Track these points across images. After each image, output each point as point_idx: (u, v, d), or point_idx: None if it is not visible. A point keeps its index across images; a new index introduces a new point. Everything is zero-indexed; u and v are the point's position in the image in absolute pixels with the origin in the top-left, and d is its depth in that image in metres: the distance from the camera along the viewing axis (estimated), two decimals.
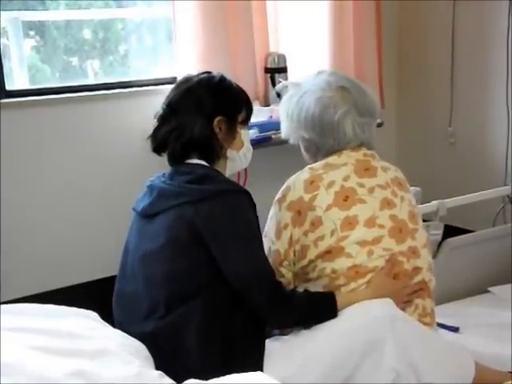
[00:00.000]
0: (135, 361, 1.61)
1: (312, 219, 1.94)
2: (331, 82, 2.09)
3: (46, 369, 1.46)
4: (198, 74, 2.02)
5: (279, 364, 1.81)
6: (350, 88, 2.09)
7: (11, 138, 2.85)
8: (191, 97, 1.96)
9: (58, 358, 1.51)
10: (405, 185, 2.10)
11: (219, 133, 1.95)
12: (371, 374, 1.80)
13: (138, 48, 3.47)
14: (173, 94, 2.00)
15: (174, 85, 2.05)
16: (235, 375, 1.44)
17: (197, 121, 1.92)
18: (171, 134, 1.94)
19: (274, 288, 1.86)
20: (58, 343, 1.57)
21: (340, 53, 3.47)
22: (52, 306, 1.82)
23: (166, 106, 1.99)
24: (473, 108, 3.63)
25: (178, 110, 1.95)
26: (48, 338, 1.58)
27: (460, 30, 3.60)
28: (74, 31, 3.24)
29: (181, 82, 2.03)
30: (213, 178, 1.91)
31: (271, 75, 3.31)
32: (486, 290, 2.81)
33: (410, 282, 1.97)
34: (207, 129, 1.93)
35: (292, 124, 2.13)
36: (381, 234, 1.94)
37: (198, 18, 3.05)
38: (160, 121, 1.99)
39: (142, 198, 1.99)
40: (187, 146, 1.93)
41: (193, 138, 1.92)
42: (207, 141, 1.93)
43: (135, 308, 1.89)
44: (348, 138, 2.05)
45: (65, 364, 1.48)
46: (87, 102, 3.02)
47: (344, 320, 1.85)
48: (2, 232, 2.84)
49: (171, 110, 1.97)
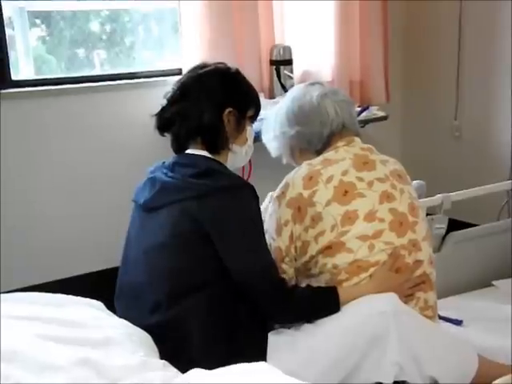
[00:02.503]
0: (140, 350, 1.61)
1: (312, 215, 1.94)
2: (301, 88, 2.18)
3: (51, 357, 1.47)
4: (215, 63, 2.01)
5: (282, 357, 1.81)
6: (321, 83, 2.18)
7: (16, 127, 2.85)
8: (205, 83, 1.94)
9: (64, 346, 1.51)
10: (404, 177, 2.09)
11: (227, 124, 1.94)
12: (374, 368, 1.80)
13: (143, 39, 3.46)
14: (186, 77, 1.98)
15: (189, 69, 2.02)
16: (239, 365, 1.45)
17: (207, 108, 1.91)
18: (179, 116, 1.93)
19: (278, 285, 1.87)
20: (63, 332, 1.58)
21: (346, 45, 3.47)
22: (58, 294, 1.83)
23: (177, 87, 1.96)
24: (478, 102, 3.62)
25: (190, 94, 1.93)
26: (53, 327, 1.59)
27: (466, 24, 3.60)
28: (80, 22, 3.24)
29: (197, 67, 2.00)
30: (217, 172, 1.88)
31: (276, 67, 3.29)
32: (489, 283, 2.81)
33: (412, 276, 1.97)
34: (216, 118, 1.92)
35: (276, 132, 2.15)
36: (381, 228, 1.94)
37: (204, 9, 3.06)
38: (169, 101, 1.96)
39: (142, 190, 1.97)
40: (193, 131, 1.92)
41: (201, 125, 1.91)
42: (215, 130, 1.92)
43: (139, 302, 1.87)
44: (331, 117, 2.07)
45: (70, 352, 1.49)
46: (92, 92, 3.03)
47: (348, 314, 1.85)
48: (5, 222, 2.85)
49: (182, 92, 1.95)
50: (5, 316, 1.61)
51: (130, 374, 1.49)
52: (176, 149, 1.98)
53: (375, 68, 3.60)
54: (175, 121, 1.94)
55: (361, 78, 3.59)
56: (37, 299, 1.79)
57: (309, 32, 3.42)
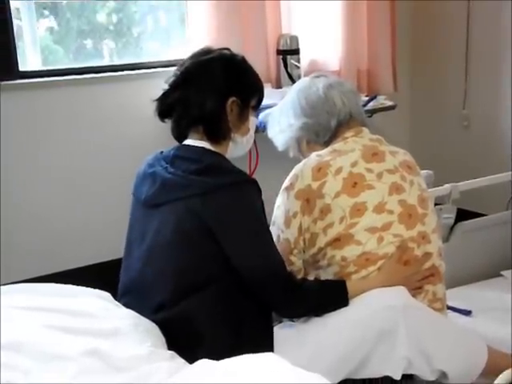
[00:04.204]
0: (147, 340, 1.61)
1: (321, 207, 1.93)
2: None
3: (59, 347, 1.48)
4: (220, 49, 1.96)
5: (290, 352, 1.78)
6: (326, 75, 2.18)
7: (23, 118, 2.86)
8: (210, 70, 1.89)
9: (72, 336, 1.52)
10: (414, 168, 2.07)
11: (230, 114, 1.89)
12: (382, 362, 1.80)
13: (151, 30, 3.46)
14: (190, 62, 1.92)
15: (192, 54, 1.96)
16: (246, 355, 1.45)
17: (210, 96, 1.86)
18: (181, 103, 1.89)
19: (286, 282, 1.84)
20: (72, 322, 1.58)
21: (353, 34, 3.45)
22: (66, 285, 1.83)
23: (180, 72, 1.91)
24: (487, 91, 3.60)
25: (193, 81, 1.88)
26: (62, 317, 1.60)
27: (475, 11, 3.57)
28: (87, 12, 3.23)
29: (201, 53, 1.94)
30: (219, 168, 1.84)
31: (283, 57, 3.28)
32: (498, 273, 2.80)
33: (421, 268, 1.96)
34: (220, 107, 1.87)
35: (283, 126, 2.14)
36: (390, 220, 1.93)
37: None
38: (172, 86, 1.91)
39: (142, 184, 1.92)
40: (195, 119, 1.88)
41: (203, 114, 1.87)
42: (217, 119, 1.88)
43: (143, 300, 1.84)
44: (338, 107, 2.06)
45: (78, 342, 1.50)
46: (99, 83, 3.03)
47: (356, 309, 1.84)
48: (9, 213, 2.85)
49: (185, 78, 1.89)
50: (12, 306, 1.62)
51: (138, 364, 1.49)
52: (176, 136, 1.95)
53: (383, 57, 3.58)
54: (176, 107, 1.90)
55: (368, 67, 3.58)
56: (45, 290, 1.79)
57: (316, 21, 3.40)
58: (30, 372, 1.39)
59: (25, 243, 2.91)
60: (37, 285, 1.84)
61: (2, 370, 1.38)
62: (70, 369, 1.42)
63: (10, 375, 1.38)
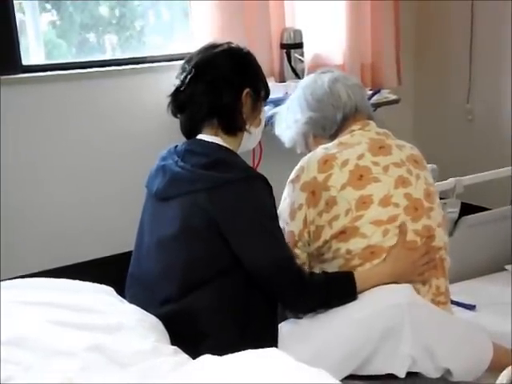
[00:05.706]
0: (151, 336, 1.61)
1: (326, 199, 1.92)
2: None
3: (62, 342, 1.47)
4: (226, 43, 1.95)
5: (294, 348, 1.77)
6: (331, 70, 2.19)
7: (27, 112, 2.85)
8: (221, 63, 1.88)
9: (76, 331, 1.52)
10: (421, 162, 2.07)
11: (245, 105, 1.89)
12: (387, 360, 1.80)
13: (153, 24, 3.45)
14: (199, 57, 1.91)
15: (199, 49, 1.95)
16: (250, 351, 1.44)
17: (226, 89, 1.86)
18: (195, 98, 1.87)
19: (296, 277, 1.83)
20: (75, 317, 1.58)
21: (357, 28, 3.44)
22: (69, 280, 1.83)
23: (191, 67, 1.89)
24: (491, 85, 3.59)
25: (206, 75, 1.87)
26: (65, 312, 1.59)
27: (479, 5, 3.55)
28: (90, 6, 3.23)
29: (208, 47, 1.93)
30: (228, 163, 1.83)
31: (287, 51, 3.27)
32: (502, 267, 2.80)
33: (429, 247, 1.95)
34: (236, 99, 1.88)
35: (289, 122, 2.15)
36: (396, 213, 1.92)
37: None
38: (183, 82, 1.89)
39: (155, 177, 1.92)
40: (211, 113, 1.87)
41: (220, 106, 1.86)
42: (234, 111, 1.87)
43: (149, 293, 1.85)
44: (343, 100, 2.06)
45: (82, 338, 1.50)
46: (102, 77, 3.02)
47: (361, 307, 1.83)
48: (17, 206, 2.86)
49: (197, 72, 1.87)
50: (15, 301, 1.62)
51: (142, 360, 1.49)
52: (187, 132, 1.93)
53: (387, 51, 3.57)
54: (190, 102, 1.88)
55: (372, 61, 3.57)
56: (48, 285, 1.79)
57: (319, 15, 3.39)
58: (31, 367, 1.39)
59: (26, 238, 2.91)
60: (39, 280, 1.84)
61: (3, 366, 1.38)
62: (73, 364, 1.42)
63: (11, 371, 1.38)
